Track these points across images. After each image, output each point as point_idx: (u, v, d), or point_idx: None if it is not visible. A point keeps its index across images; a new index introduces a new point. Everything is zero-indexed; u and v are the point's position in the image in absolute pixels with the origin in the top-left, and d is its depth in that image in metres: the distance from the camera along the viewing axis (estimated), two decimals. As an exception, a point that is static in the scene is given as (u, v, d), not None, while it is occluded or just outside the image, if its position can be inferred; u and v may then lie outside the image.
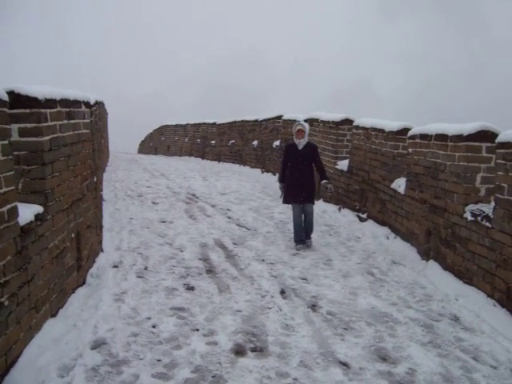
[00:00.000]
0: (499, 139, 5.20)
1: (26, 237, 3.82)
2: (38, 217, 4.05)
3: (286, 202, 7.70)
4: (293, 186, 7.51)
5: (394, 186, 7.93)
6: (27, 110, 4.01)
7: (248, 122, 17.53)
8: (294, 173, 7.51)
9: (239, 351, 4.20)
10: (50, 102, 4.27)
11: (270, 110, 15.77)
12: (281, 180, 7.77)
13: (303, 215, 7.63)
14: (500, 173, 5.14)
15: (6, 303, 3.45)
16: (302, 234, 7.52)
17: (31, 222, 3.91)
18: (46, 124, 4.18)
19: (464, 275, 5.78)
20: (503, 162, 5.06)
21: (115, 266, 6.17)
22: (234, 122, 18.80)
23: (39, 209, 4.13)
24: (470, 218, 5.70)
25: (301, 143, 7.58)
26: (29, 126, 4.04)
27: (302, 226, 7.58)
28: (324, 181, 7.71)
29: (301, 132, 7.56)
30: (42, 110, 4.11)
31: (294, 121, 13.12)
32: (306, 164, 7.54)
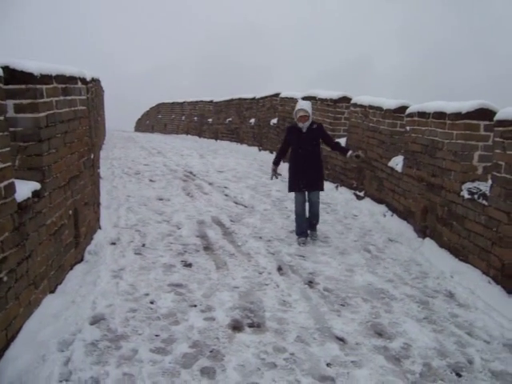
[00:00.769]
0: (497, 117, 5.19)
1: (24, 213, 3.82)
2: (35, 193, 4.05)
3: (291, 190, 6.88)
4: (298, 171, 6.74)
5: (391, 164, 7.93)
6: (23, 86, 3.97)
7: (245, 99, 17.42)
8: (299, 157, 6.73)
9: (236, 327, 4.25)
10: (45, 78, 4.23)
11: (268, 87, 15.72)
12: (275, 162, 7.04)
13: (308, 205, 6.89)
14: (497, 151, 5.14)
15: (5, 279, 3.47)
16: (305, 226, 6.81)
17: (28, 198, 3.91)
18: (41, 100, 4.15)
19: (460, 253, 5.82)
20: (501, 140, 5.06)
21: (113, 243, 6.19)
22: (232, 100, 18.68)
23: (36, 185, 4.12)
24: (466, 196, 5.72)
25: (304, 126, 6.75)
26: (24, 102, 4.01)
27: (306, 216, 6.87)
28: (350, 152, 6.99)
29: (304, 117, 6.70)
30: (38, 86, 4.07)
31: (292, 98, 13.10)
32: (313, 146, 6.77)
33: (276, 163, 7.05)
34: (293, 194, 6.94)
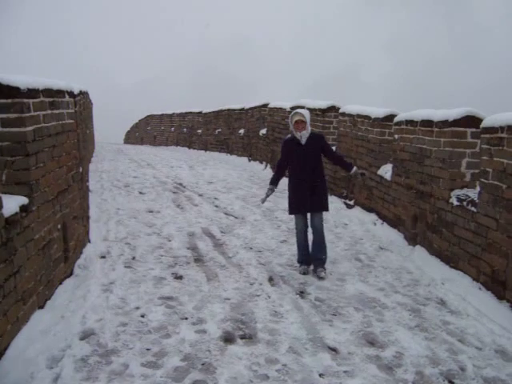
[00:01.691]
0: (484, 124, 5.24)
1: (11, 228, 3.78)
2: (22, 208, 4.01)
3: (292, 212, 6.07)
4: (298, 191, 5.89)
5: (380, 172, 7.97)
6: (9, 100, 3.94)
7: (234, 110, 17.47)
8: (299, 174, 5.88)
9: (228, 339, 4.22)
10: (32, 92, 4.21)
11: (257, 98, 15.73)
12: (273, 181, 6.14)
13: (311, 232, 6.04)
14: (485, 158, 5.18)
15: (-8, 295, 3.42)
16: (307, 253, 6.01)
17: (16, 213, 3.86)
18: (28, 114, 4.12)
19: (450, 259, 5.84)
20: (488, 146, 5.11)
21: (103, 257, 6.15)
22: (221, 111, 18.72)
23: (24, 200, 4.08)
24: (455, 202, 5.75)
25: (303, 136, 5.87)
26: (11, 116, 3.98)
27: (308, 242, 6.06)
28: (354, 168, 6.18)
29: (300, 123, 5.85)
30: (25, 100, 4.05)
31: (280, 108, 13.15)
32: (314, 161, 5.91)
33: (273, 182, 6.14)
34: (283, 205, 6.83)
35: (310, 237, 6.06)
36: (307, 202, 5.86)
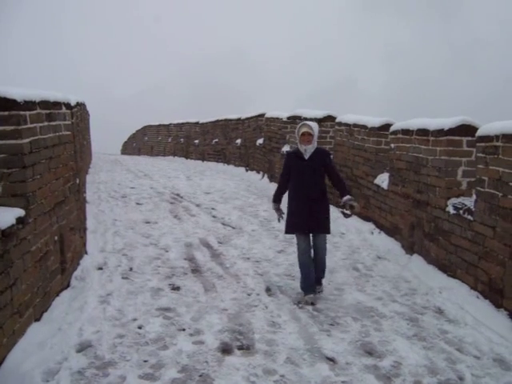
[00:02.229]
0: (479, 133, 5.27)
1: (8, 240, 3.78)
2: (19, 220, 4.01)
3: (289, 231, 5.63)
4: (299, 209, 5.44)
5: (377, 181, 7.99)
6: (5, 113, 3.96)
7: (231, 120, 17.51)
8: (301, 191, 5.45)
9: (226, 350, 4.20)
10: (29, 104, 4.22)
11: (255, 109, 15.76)
12: (276, 199, 5.73)
13: (312, 252, 5.60)
14: (480, 166, 5.21)
15: (-11, 308, 3.41)
16: (313, 278, 5.46)
17: (12, 225, 3.86)
18: (25, 126, 4.14)
19: (447, 268, 5.85)
20: (483, 155, 5.13)
21: (100, 268, 6.13)
22: (217, 121, 18.77)
23: (21, 212, 4.08)
24: (452, 211, 5.76)
25: (308, 150, 5.44)
26: (8, 128, 3.99)
27: (312, 266, 5.51)
28: (346, 197, 5.55)
29: (307, 136, 5.40)
30: (22, 112, 4.07)
31: (277, 118, 13.19)
32: (317, 178, 5.49)
33: (277, 200, 5.73)
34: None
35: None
36: (306, 222, 5.39)
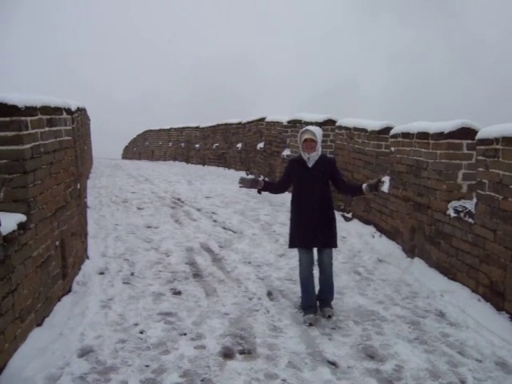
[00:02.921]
0: (479, 136, 5.28)
1: (9, 246, 3.79)
2: (20, 225, 4.02)
3: (292, 245, 5.21)
4: (302, 221, 5.05)
5: (377, 184, 7.98)
6: (7, 119, 3.97)
7: (231, 124, 17.55)
8: (304, 202, 5.05)
9: (227, 354, 4.20)
10: (30, 110, 4.24)
11: (256, 113, 15.78)
12: (264, 182, 5.33)
13: (318, 269, 5.23)
14: (481, 169, 5.21)
15: (-10, 314, 3.42)
16: (314, 297, 5.11)
17: (14, 231, 3.87)
18: (26, 132, 4.15)
19: (449, 271, 5.84)
20: (483, 158, 5.14)
21: (101, 273, 6.13)
22: (218, 126, 18.81)
23: (22, 217, 4.09)
24: (452, 214, 5.77)
25: (311, 158, 5.06)
26: (9, 134, 4.01)
27: (314, 284, 5.16)
28: (364, 185, 5.16)
29: (310, 143, 5.02)
30: (23, 118, 4.08)
31: (277, 122, 13.21)
32: (322, 188, 5.08)
33: (263, 182, 5.29)
34: (281, 218, 6.59)
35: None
36: (310, 236, 5.01)
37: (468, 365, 4.12)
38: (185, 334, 4.54)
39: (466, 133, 5.81)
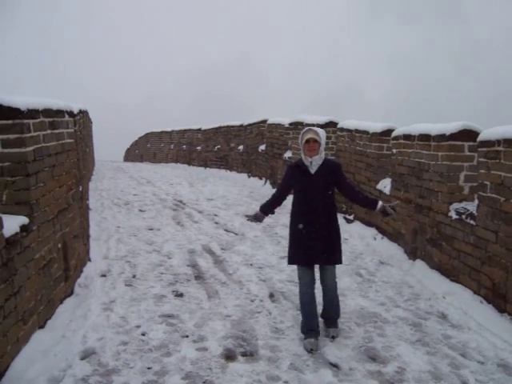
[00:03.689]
0: (480, 138, 5.28)
1: (12, 248, 3.80)
2: (23, 228, 4.03)
3: (291, 261, 4.64)
4: (303, 235, 4.52)
5: (379, 186, 7.99)
6: (9, 121, 3.99)
7: (233, 127, 17.56)
8: (306, 213, 4.52)
9: (229, 356, 4.21)
10: (32, 113, 4.25)
11: (258, 115, 15.77)
12: (263, 209, 4.86)
13: (321, 288, 4.74)
14: (482, 171, 5.21)
15: (-7, 316, 3.43)
16: (316, 321, 4.55)
17: (16, 233, 3.88)
18: (29, 134, 4.16)
19: (451, 273, 5.84)
20: (485, 160, 5.14)
21: (103, 275, 6.14)
22: (219, 128, 18.82)
23: (24, 220, 4.11)
24: (454, 216, 5.77)
25: (314, 162, 4.51)
26: (11, 136, 4.02)
27: (315, 304, 4.61)
28: (380, 204, 4.72)
29: (312, 144, 4.47)
30: (25, 121, 4.10)
31: (279, 124, 13.22)
32: (326, 197, 4.54)
33: (264, 211, 4.86)
34: (282, 220, 6.53)
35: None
36: (312, 252, 4.49)
37: (470, 367, 4.11)
38: (187, 336, 4.55)
39: (468, 135, 5.81)
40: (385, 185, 7.80)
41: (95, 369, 3.93)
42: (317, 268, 4.73)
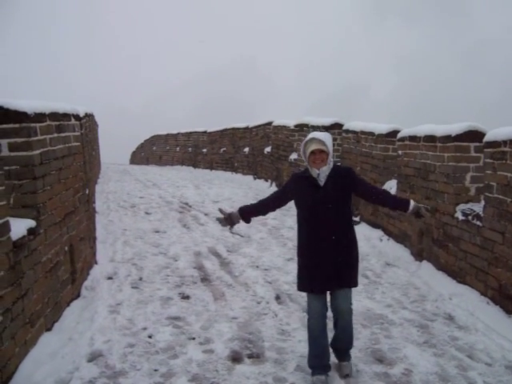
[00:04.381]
0: (487, 138, 5.26)
1: (19, 251, 3.82)
2: (30, 231, 4.05)
3: (301, 288, 4.03)
4: (314, 258, 3.86)
5: (385, 188, 7.97)
6: (17, 125, 4.01)
7: (239, 129, 17.57)
8: (316, 232, 3.85)
9: (236, 358, 4.21)
10: (39, 116, 4.28)
11: (264, 117, 15.78)
12: (243, 210, 4.20)
13: (332, 316, 4.07)
14: (488, 172, 5.20)
15: (0, 319, 3.45)
16: (327, 356, 3.92)
17: (24, 236, 3.91)
18: (35, 138, 4.19)
19: (457, 274, 5.82)
20: (491, 160, 5.12)
21: (110, 278, 6.16)
22: (225, 130, 18.84)
23: (32, 223, 4.13)
24: (461, 217, 5.75)
25: (322, 173, 3.85)
26: (19, 140, 4.05)
27: (326, 338, 3.97)
28: (412, 205, 3.99)
29: (319, 155, 3.82)
30: (32, 125, 4.12)
31: (284, 126, 13.22)
32: (339, 211, 3.87)
33: (242, 213, 4.19)
34: (288, 222, 6.51)
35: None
36: (326, 273, 3.83)
37: (478, 369, 4.10)
38: (193, 339, 4.56)
39: (474, 135, 5.80)
40: (391, 186, 7.78)
41: (102, 371, 3.95)
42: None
